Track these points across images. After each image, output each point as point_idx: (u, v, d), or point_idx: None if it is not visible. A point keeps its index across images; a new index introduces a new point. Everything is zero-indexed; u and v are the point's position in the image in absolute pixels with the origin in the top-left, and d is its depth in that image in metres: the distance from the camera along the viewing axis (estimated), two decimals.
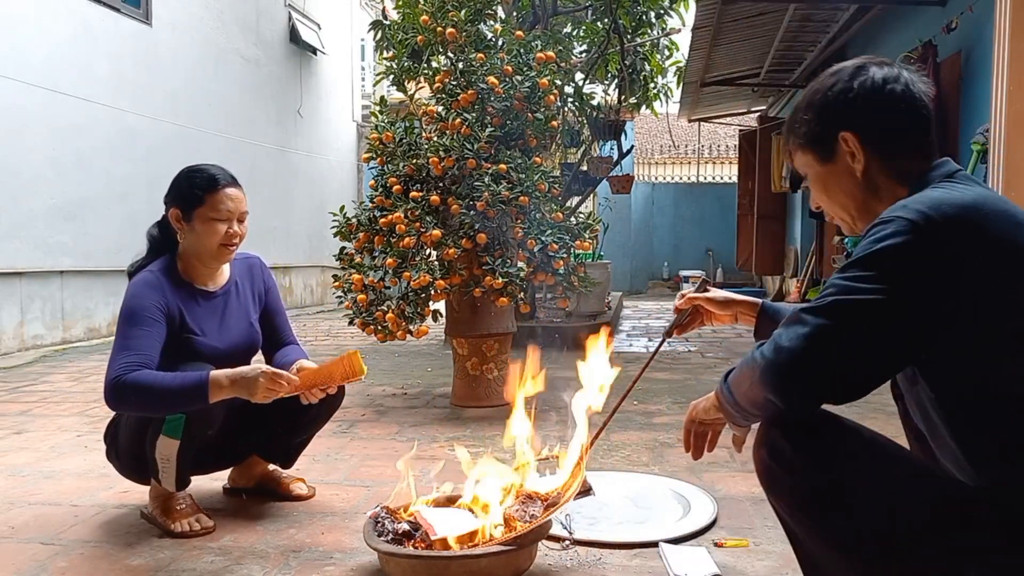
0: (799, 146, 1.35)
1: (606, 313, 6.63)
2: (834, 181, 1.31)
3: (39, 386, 4.45)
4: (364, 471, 2.66)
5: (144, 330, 2.00)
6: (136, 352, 1.96)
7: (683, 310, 1.70)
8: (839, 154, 1.28)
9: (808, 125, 1.31)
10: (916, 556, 1.14)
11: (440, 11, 3.73)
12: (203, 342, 2.12)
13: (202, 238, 2.12)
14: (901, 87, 1.25)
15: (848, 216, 1.33)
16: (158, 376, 1.93)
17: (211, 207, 2.10)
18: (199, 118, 7.97)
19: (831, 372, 1.11)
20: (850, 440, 1.19)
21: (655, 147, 16.77)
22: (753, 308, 1.64)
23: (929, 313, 1.09)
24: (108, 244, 6.63)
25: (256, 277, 2.35)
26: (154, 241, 2.22)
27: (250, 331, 2.28)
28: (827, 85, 1.30)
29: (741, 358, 1.25)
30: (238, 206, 2.14)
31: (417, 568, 1.69)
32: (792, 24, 7.83)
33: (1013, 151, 3.55)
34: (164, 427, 1.99)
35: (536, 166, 3.40)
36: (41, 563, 1.90)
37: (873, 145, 1.26)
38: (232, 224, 2.13)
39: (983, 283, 1.09)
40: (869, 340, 1.10)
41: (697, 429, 1.46)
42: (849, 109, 1.27)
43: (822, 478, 1.16)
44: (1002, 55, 3.58)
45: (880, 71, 1.27)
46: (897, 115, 1.26)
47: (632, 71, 6.46)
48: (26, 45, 5.89)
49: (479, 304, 3.47)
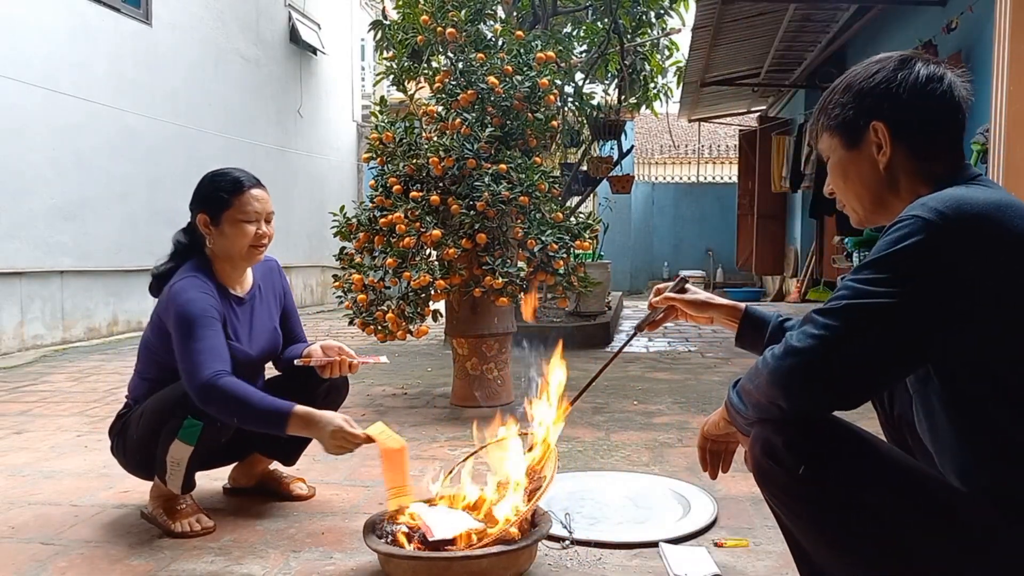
0: (828, 128, 1.33)
1: (606, 313, 6.63)
2: (855, 169, 1.30)
3: (39, 386, 4.45)
4: (364, 471, 2.66)
5: (213, 331, 2.01)
6: (219, 356, 1.97)
7: (657, 308, 1.68)
8: (866, 143, 1.27)
9: (842, 108, 1.29)
10: (914, 556, 1.14)
11: (440, 11, 3.73)
12: (237, 347, 2.13)
13: (232, 240, 2.13)
14: (943, 88, 1.24)
15: (860, 207, 1.32)
16: (248, 391, 1.94)
17: (238, 209, 2.11)
18: (199, 118, 7.97)
19: (843, 376, 1.11)
20: (844, 438, 1.18)
21: (655, 147, 16.78)
22: (734, 313, 1.60)
23: (944, 315, 1.09)
24: (108, 244, 6.63)
25: (275, 280, 2.37)
26: (180, 247, 2.22)
27: (275, 335, 2.30)
28: (870, 72, 1.28)
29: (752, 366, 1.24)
30: (265, 206, 2.16)
31: (417, 568, 1.69)
32: (792, 24, 7.83)
33: (1013, 151, 3.55)
34: (181, 432, 1.99)
35: (536, 166, 3.40)
36: (41, 563, 1.90)
37: (903, 140, 1.25)
38: (260, 225, 2.15)
39: (1004, 283, 1.08)
40: (881, 344, 1.09)
41: (711, 447, 1.44)
42: (887, 100, 1.25)
43: (816, 476, 1.15)
44: (1002, 55, 3.59)
45: (926, 68, 1.25)
46: (933, 115, 1.25)
47: (632, 71, 6.47)
48: (26, 45, 5.89)
49: (479, 304, 3.47)
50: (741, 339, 1.60)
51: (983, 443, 1.15)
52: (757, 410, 1.22)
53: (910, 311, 1.08)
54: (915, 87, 1.24)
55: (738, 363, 5.00)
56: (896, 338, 1.09)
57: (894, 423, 1.44)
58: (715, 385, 4.24)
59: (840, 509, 1.15)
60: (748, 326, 1.59)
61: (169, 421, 2.00)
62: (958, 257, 1.08)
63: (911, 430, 1.37)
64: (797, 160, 9.37)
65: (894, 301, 1.08)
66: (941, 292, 1.08)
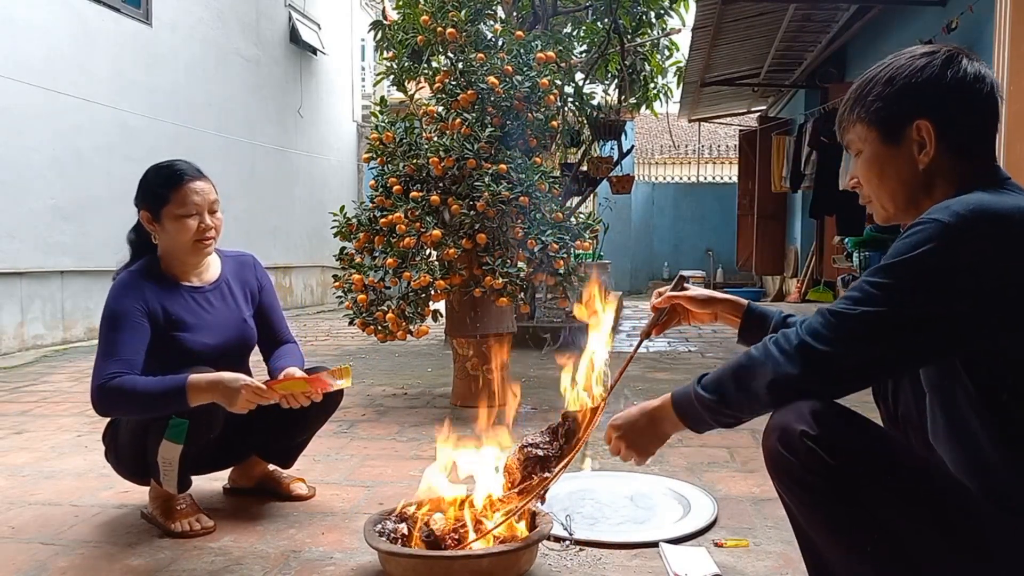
0: (864, 120, 1.28)
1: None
2: (892, 166, 1.26)
3: (39, 386, 4.45)
4: (364, 471, 2.66)
5: (126, 334, 2.00)
6: (118, 358, 1.96)
7: (661, 309, 1.65)
8: (907, 140, 1.24)
9: (884, 101, 1.24)
10: (924, 554, 1.14)
11: (440, 11, 3.73)
12: (193, 339, 2.10)
13: (175, 237, 2.09)
14: (987, 87, 1.22)
15: (892, 204, 1.29)
16: (139, 381, 1.94)
17: (177, 204, 2.06)
18: (199, 118, 7.96)
19: (855, 378, 1.16)
20: (862, 432, 1.17)
21: (655, 147, 16.78)
22: (737, 308, 1.59)
23: (965, 317, 1.09)
24: (108, 244, 6.62)
25: (248, 275, 2.32)
26: (134, 245, 2.20)
27: (243, 328, 2.24)
28: (917, 66, 1.23)
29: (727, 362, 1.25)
30: (206, 198, 2.10)
31: (418, 568, 1.69)
32: (792, 24, 7.84)
33: (1013, 151, 3.56)
34: (167, 432, 1.98)
35: (536, 166, 3.40)
36: (41, 563, 1.90)
37: (948, 141, 1.22)
38: (203, 218, 2.09)
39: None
40: (895, 347, 1.11)
41: (632, 447, 1.44)
42: (935, 98, 1.21)
43: (831, 468, 1.14)
44: (1002, 55, 3.59)
45: (971, 66, 1.22)
46: (979, 115, 1.23)
47: (632, 71, 6.46)
48: (26, 45, 5.89)
49: (479, 304, 3.47)
50: (744, 336, 1.59)
51: (1013, 444, 1.14)
52: (747, 400, 1.24)
53: (927, 315, 1.09)
54: (964, 85, 1.21)
55: (723, 365, 4.99)
56: (912, 340, 1.11)
57: (897, 421, 1.44)
58: None
59: (854, 502, 1.14)
60: (751, 323, 1.58)
61: (154, 422, 1.99)
62: (978, 262, 1.07)
63: (915, 428, 1.36)
64: (797, 160, 9.37)
65: (912, 307, 1.09)
66: (959, 297, 1.08)
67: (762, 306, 1.62)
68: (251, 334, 2.27)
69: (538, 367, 4.89)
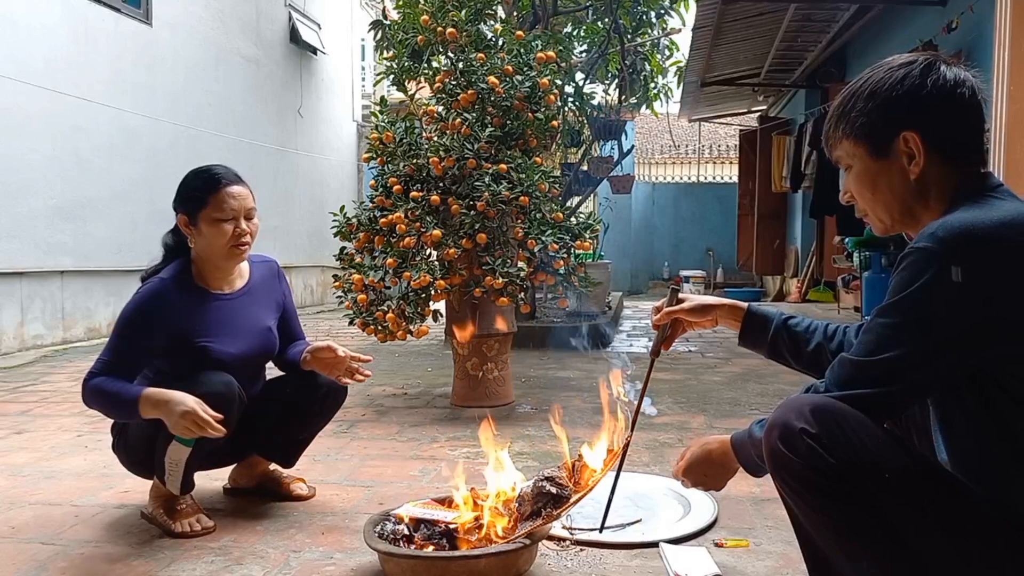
0: (850, 136, 1.27)
1: (606, 313, 6.63)
2: (884, 179, 1.26)
3: (39, 386, 4.45)
4: (364, 471, 2.66)
5: (127, 343, 2.03)
6: (110, 360, 2.01)
7: (663, 325, 1.68)
8: (895, 152, 1.24)
9: (868, 116, 1.24)
10: (923, 554, 1.14)
11: (440, 11, 3.73)
12: (217, 348, 2.10)
13: (211, 241, 2.10)
14: (969, 91, 1.21)
15: (888, 217, 1.29)
16: (106, 385, 1.98)
17: (215, 208, 2.07)
18: (199, 118, 7.97)
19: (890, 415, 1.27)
20: (863, 432, 1.17)
21: (655, 147, 16.78)
22: (736, 312, 1.61)
23: (977, 338, 1.11)
24: (108, 244, 6.63)
25: (274, 283, 2.34)
26: (168, 248, 2.21)
27: (267, 336, 2.26)
28: (896, 77, 1.23)
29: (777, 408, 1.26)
30: (243, 203, 2.11)
31: (417, 568, 1.69)
32: (792, 24, 7.84)
33: (1013, 151, 3.55)
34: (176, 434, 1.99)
35: (536, 166, 3.40)
36: (41, 563, 1.90)
37: (937, 150, 1.22)
38: (239, 223, 2.10)
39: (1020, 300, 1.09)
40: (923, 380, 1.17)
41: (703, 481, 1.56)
42: (918, 108, 1.21)
43: (832, 466, 1.15)
44: (1002, 55, 3.59)
45: (950, 71, 1.22)
46: (964, 121, 1.22)
47: (632, 71, 6.47)
48: (26, 45, 5.88)
49: (479, 304, 3.47)
50: (744, 338, 1.60)
51: (1011, 454, 1.15)
52: None
53: (941, 343, 1.13)
54: (945, 92, 1.20)
55: (738, 363, 4.99)
56: (936, 372, 1.16)
57: (900, 420, 1.44)
58: (715, 385, 4.24)
59: (853, 500, 1.15)
60: (751, 325, 1.59)
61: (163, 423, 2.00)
62: (971, 283, 1.09)
63: (917, 427, 1.36)
64: (797, 160, 9.38)
65: (926, 341, 1.13)
66: (967, 315, 1.10)
67: (762, 307, 1.62)
68: (273, 343, 2.29)
69: (538, 367, 4.89)
